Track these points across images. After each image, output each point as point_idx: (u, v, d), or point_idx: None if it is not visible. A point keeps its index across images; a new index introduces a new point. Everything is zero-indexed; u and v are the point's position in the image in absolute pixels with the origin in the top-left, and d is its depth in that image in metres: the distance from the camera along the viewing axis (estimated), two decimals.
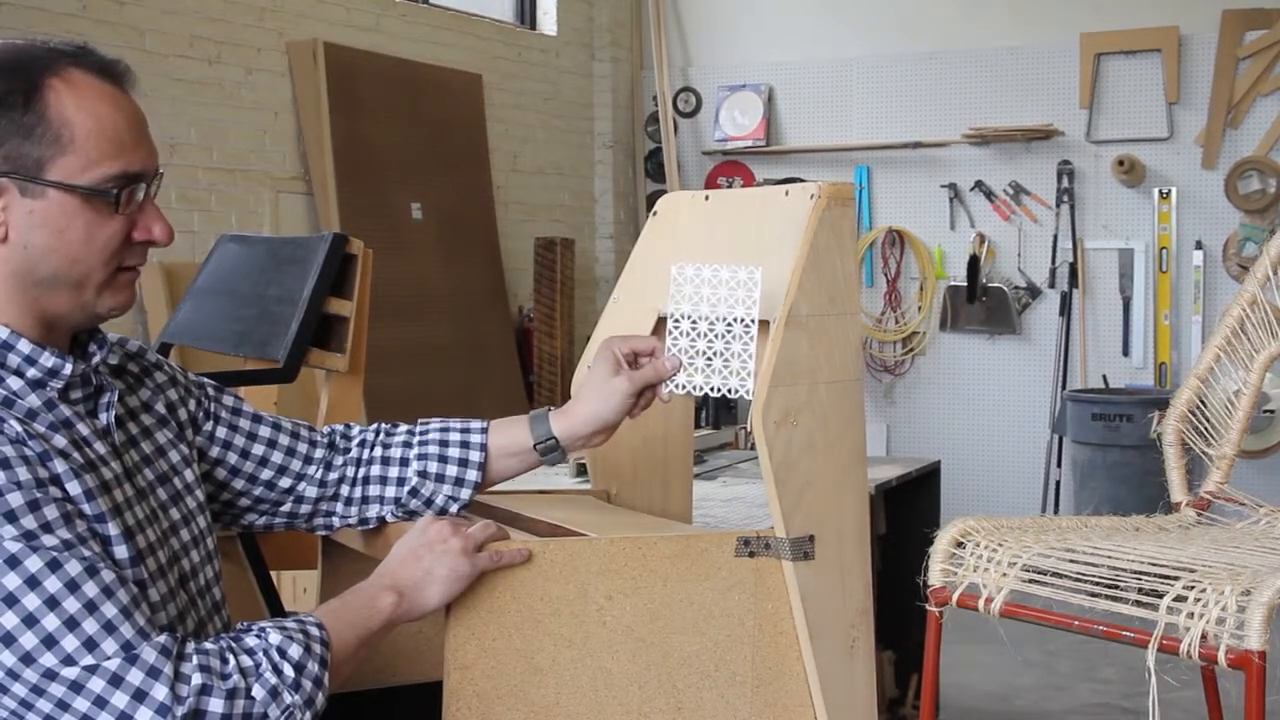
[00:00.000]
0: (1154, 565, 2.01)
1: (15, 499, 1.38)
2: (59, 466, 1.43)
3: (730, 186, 7.66)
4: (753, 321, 1.80)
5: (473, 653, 1.62)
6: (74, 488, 1.43)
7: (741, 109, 7.70)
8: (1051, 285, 7.00)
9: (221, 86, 5.60)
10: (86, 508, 1.44)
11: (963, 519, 2.24)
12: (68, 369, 1.51)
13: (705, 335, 1.85)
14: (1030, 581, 2.07)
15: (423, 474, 1.86)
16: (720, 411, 7.33)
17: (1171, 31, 6.66)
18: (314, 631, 1.51)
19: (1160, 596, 1.91)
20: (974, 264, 7.07)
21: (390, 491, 1.87)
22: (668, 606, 1.69)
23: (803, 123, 7.61)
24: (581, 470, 3.69)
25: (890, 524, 3.76)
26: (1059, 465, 6.83)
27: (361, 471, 1.87)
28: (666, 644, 1.69)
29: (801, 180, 5.35)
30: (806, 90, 7.58)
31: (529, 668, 1.64)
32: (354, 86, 6.07)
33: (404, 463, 1.87)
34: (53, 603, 1.36)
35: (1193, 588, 1.89)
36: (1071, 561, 2.07)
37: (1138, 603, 1.94)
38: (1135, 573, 1.99)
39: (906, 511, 3.80)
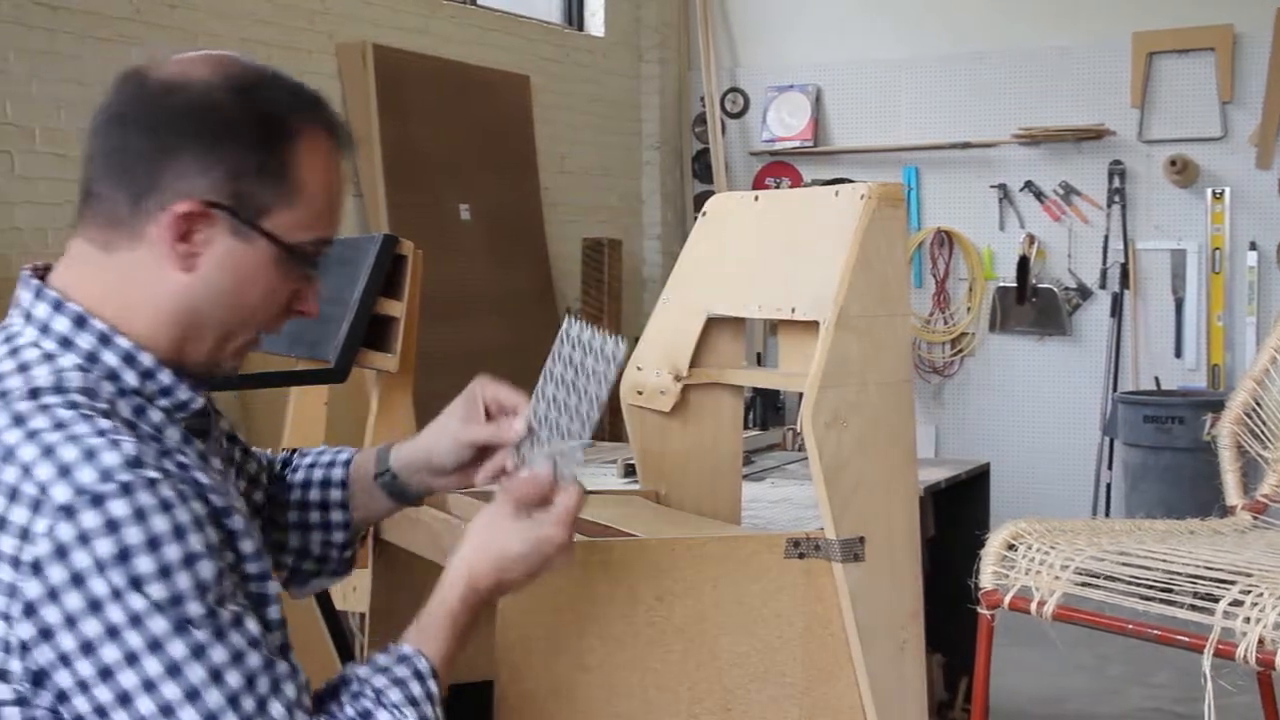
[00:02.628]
0: (1209, 569, 1.98)
1: (207, 569, 1.25)
2: (237, 522, 1.33)
3: (778, 187, 7.65)
4: (598, 401, 1.58)
5: (523, 653, 1.62)
6: (246, 546, 1.33)
7: (789, 109, 7.68)
8: (1102, 286, 6.94)
9: None
10: (253, 567, 1.34)
11: (1014, 521, 2.22)
12: (198, 403, 1.41)
13: (560, 402, 1.63)
14: (1083, 585, 2.05)
15: (295, 525, 1.72)
16: (768, 412, 7.33)
17: (1226, 30, 6.59)
18: (431, 686, 1.41)
19: (1216, 600, 1.89)
20: (1024, 265, 7.02)
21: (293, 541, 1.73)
22: (717, 607, 1.69)
23: (851, 123, 7.58)
24: (630, 471, 3.70)
25: (939, 526, 3.74)
26: (1110, 468, 6.77)
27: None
28: (716, 645, 1.69)
29: (850, 181, 5.33)
30: (854, 91, 7.55)
31: (578, 668, 1.64)
32: (403, 88, 6.10)
33: (284, 506, 1.73)
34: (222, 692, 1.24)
35: (1249, 592, 1.87)
36: (1125, 565, 2.05)
37: (1193, 607, 1.92)
38: (1190, 576, 1.97)
39: (955, 514, 3.77)
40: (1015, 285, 7.06)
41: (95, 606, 1.20)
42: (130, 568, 1.20)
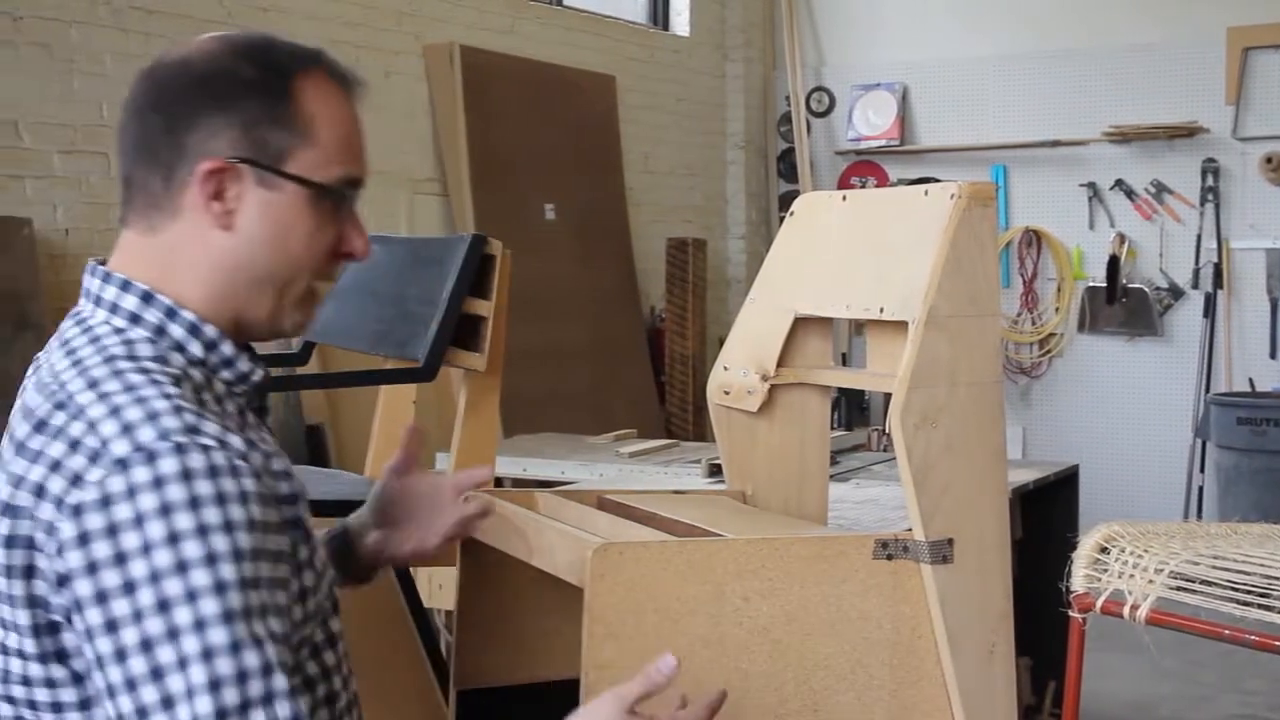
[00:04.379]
0: None
1: (244, 540, 1.25)
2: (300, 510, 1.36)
3: (863, 186, 7.61)
4: None
5: (610, 652, 1.62)
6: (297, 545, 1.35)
7: (875, 108, 7.64)
8: (1195, 286, 6.83)
9: None
10: (303, 550, 1.36)
11: (1107, 524, 2.19)
12: (258, 375, 1.45)
13: None
14: (1178, 589, 2.02)
15: None
16: (853, 413, 7.29)
17: None
18: None
19: None
20: (1113, 264, 6.93)
21: None
22: (804, 609, 1.68)
23: (938, 122, 7.52)
24: (714, 471, 3.69)
25: (1026, 529, 3.70)
26: (1202, 470, 6.66)
27: None
28: (803, 646, 1.68)
29: (936, 180, 5.28)
30: (942, 89, 7.49)
31: None
32: (489, 89, 6.14)
33: None
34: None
35: None
36: (1221, 569, 2.02)
37: None
38: None
39: (1043, 516, 3.73)
40: (1105, 285, 6.97)
41: (121, 559, 1.22)
42: (167, 523, 1.22)
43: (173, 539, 1.21)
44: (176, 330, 1.39)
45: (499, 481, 3.92)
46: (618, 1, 7.39)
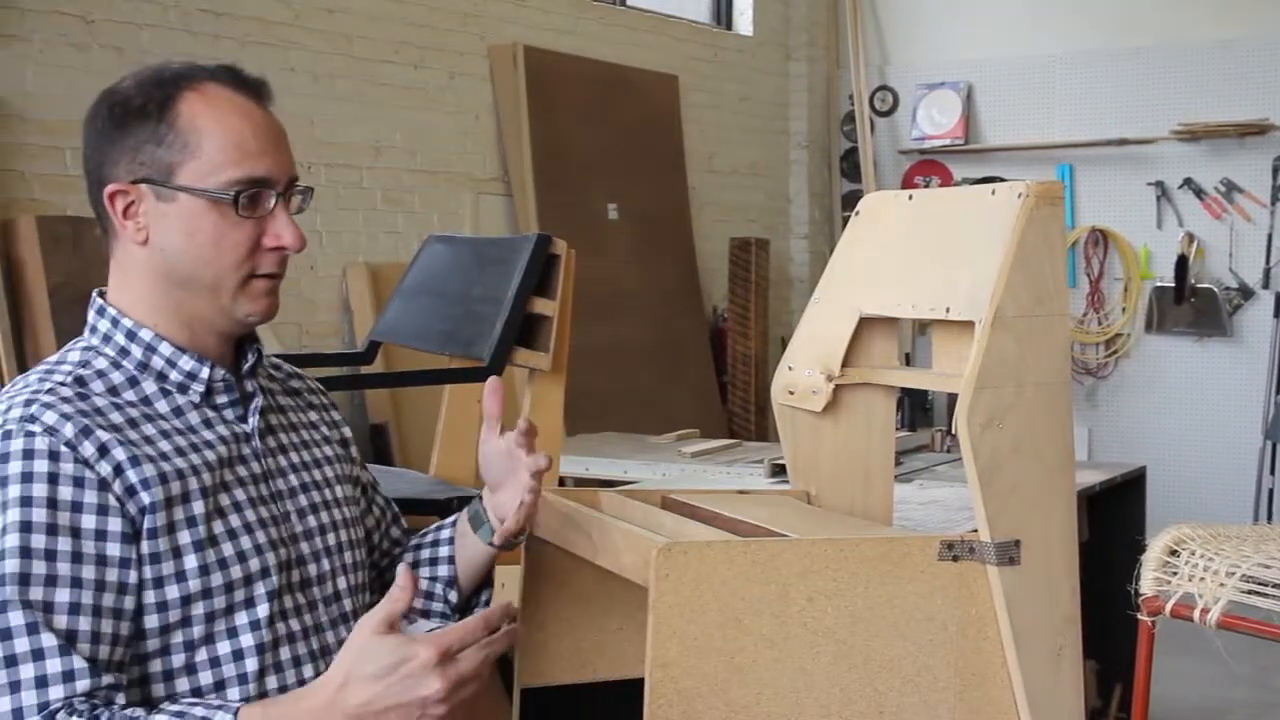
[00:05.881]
0: None
1: (40, 515, 1.43)
2: (138, 475, 1.48)
3: (927, 186, 7.56)
4: None
5: (674, 651, 1.62)
6: (148, 497, 1.48)
7: (939, 107, 7.59)
8: (1266, 286, 6.74)
9: (425, 90, 5.73)
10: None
11: (1177, 526, 2.17)
12: (205, 373, 1.60)
13: None
14: (1250, 592, 2.00)
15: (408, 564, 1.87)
16: (916, 413, 7.25)
17: None
18: None
19: None
20: (1182, 264, 6.85)
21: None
22: (869, 609, 1.68)
23: (1003, 120, 7.46)
24: (776, 471, 3.69)
25: (1092, 531, 3.67)
26: (1272, 473, 6.57)
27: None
28: (868, 647, 1.68)
29: (1001, 179, 5.24)
30: (1007, 87, 7.43)
31: (730, 667, 1.63)
32: (552, 89, 6.16)
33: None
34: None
35: None
36: None
37: None
38: None
39: (1109, 518, 3.70)
40: (1173, 285, 6.89)
41: None
42: None
43: None
44: (119, 336, 1.60)
45: (562, 481, 3.93)
46: (681, 1, 7.39)
